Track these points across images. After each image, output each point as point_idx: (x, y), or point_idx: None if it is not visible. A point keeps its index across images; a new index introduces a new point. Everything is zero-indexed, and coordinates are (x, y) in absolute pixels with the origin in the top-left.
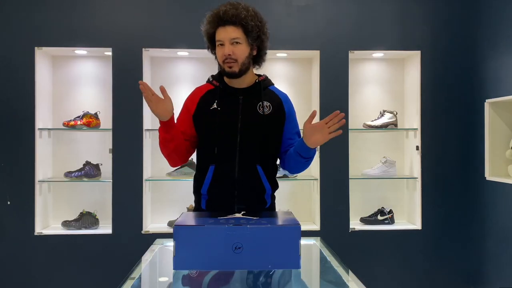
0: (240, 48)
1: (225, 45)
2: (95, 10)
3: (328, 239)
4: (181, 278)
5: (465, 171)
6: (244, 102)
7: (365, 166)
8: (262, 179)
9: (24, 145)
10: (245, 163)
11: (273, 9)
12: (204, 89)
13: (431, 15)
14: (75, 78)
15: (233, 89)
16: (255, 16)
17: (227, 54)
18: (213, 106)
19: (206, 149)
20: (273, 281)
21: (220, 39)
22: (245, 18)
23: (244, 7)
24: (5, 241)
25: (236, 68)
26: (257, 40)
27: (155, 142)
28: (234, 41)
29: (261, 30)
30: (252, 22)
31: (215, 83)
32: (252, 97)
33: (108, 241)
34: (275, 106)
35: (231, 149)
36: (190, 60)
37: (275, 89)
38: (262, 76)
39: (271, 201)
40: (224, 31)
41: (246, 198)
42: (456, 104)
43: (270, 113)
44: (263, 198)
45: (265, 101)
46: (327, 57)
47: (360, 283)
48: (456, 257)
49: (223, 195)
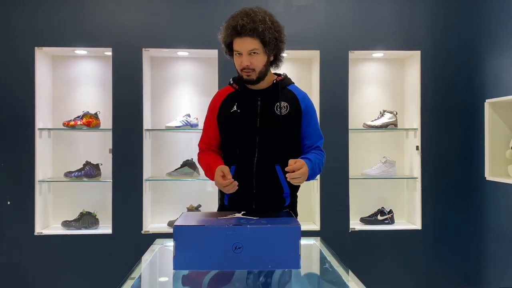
0: (257, 58)
1: (243, 56)
2: (95, 10)
3: (328, 239)
4: (181, 278)
5: (465, 171)
6: (262, 104)
7: (365, 166)
8: (280, 179)
9: (24, 145)
10: (264, 163)
11: (273, 9)
12: (225, 92)
13: (431, 15)
14: (75, 78)
15: (252, 91)
16: (272, 28)
17: (245, 65)
18: (234, 108)
19: (228, 150)
20: (273, 281)
21: (238, 50)
22: (262, 32)
23: (262, 19)
24: (5, 241)
25: (254, 76)
26: (275, 49)
27: (155, 142)
28: (251, 52)
29: (278, 39)
30: (269, 35)
31: (235, 86)
32: (270, 98)
33: (108, 241)
34: (292, 106)
35: (250, 149)
36: (190, 60)
37: (294, 88)
38: (282, 75)
39: (291, 200)
40: (242, 42)
41: (264, 197)
42: (456, 104)
43: (287, 113)
44: (281, 197)
45: (282, 102)
46: (327, 57)
47: (360, 283)
48: (456, 257)
49: (243, 193)
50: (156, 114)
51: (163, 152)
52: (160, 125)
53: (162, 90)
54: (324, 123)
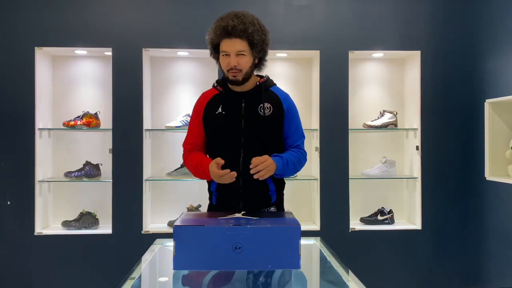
0: (245, 59)
1: (231, 57)
2: (95, 10)
3: (328, 239)
4: (181, 278)
5: (465, 171)
6: (246, 105)
7: (365, 166)
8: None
9: (24, 145)
10: (249, 162)
11: (273, 9)
12: (210, 94)
13: (431, 15)
14: (75, 78)
15: (236, 93)
16: (259, 30)
17: (232, 66)
18: (219, 110)
19: (214, 150)
20: (273, 281)
21: (226, 50)
22: (251, 34)
23: (251, 21)
24: (5, 241)
25: (240, 77)
26: (261, 52)
27: (155, 142)
28: (239, 53)
29: (265, 41)
30: (257, 37)
31: (219, 88)
32: (254, 99)
33: (108, 241)
34: (275, 107)
35: (236, 150)
36: (190, 60)
37: (276, 89)
38: (264, 77)
39: (277, 197)
40: (231, 43)
41: (251, 195)
42: (456, 104)
43: (271, 114)
44: (267, 194)
45: (265, 103)
46: (327, 57)
47: (360, 283)
48: (456, 257)
49: (230, 192)
50: (156, 114)
51: (163, 152)
52: (160, 125)
53: (162, 90)
54: (324, 123)
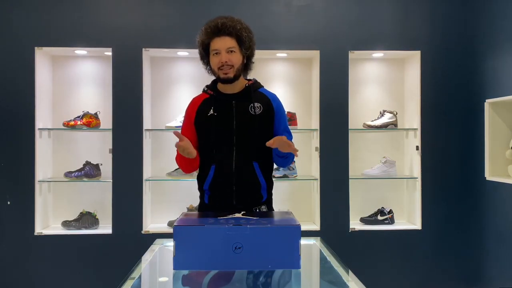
0: (235, 56)
1: (222, 54)
2: (95, 10)
3: (328, 239)
4: (181, 278)
5: (465, 171)
6: (237, 106)
7: (365, 166)
8: (257, 175)
9: (24, 145)
10: (242, 160)
11: (273, 9)
12: (200, 98)
13: (431, 15)
14: (75, 78)
15: (226, 95)
16: (247, 29)
17: (224, 61)
18: (210, 112)
19: (207, 150)
20: (273, 281)
21: (216, 48)
22: (240, 30)
23: (238, 20)
24: (5, 241)
25: (231, 74)
26: (249, 50)
27: (155, 142)
28: (229, 50)
29: (252, 40)
30: (245, 34)
31: (210, 92)
32: (244, 100)
33: (108, 241)
34: (265, 106)
35: (228, 148)
36: (190, 60)
37: (264, 90)
38: (251, 80)
39: (267, 196)
40: (221, 41)
41: (243, 193)
42: (456, 104)
43: (261, 112)
44: (259, 192)
45: (255, 103)
46: (327, 57)
47: (360, 283)
48: (456, 257)
49: (222, 190)
50: (156, 114)
51: (163, 152)
52: (160, 125)
53: (162, 90)
54: (324, 123)
